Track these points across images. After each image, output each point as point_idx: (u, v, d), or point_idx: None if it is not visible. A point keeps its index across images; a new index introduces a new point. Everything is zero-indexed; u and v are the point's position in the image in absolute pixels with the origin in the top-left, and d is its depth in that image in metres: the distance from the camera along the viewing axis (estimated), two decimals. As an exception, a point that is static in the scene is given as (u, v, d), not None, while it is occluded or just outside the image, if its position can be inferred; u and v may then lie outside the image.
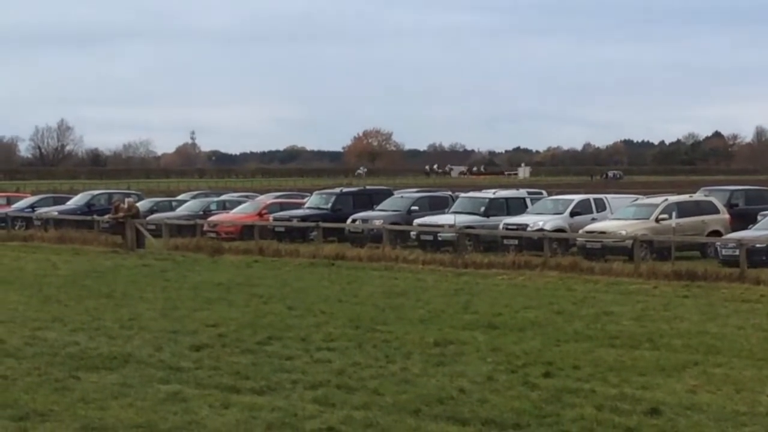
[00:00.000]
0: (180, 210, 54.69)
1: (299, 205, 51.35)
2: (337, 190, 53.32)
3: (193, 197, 62.36)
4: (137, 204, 48.92)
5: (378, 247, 37.53)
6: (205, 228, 47.13)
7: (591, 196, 43.98)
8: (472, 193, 49.36)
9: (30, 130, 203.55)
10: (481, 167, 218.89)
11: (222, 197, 60.35)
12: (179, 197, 64.39)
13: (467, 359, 17.18)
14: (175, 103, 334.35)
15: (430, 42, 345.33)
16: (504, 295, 26.14)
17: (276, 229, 45.47)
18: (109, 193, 60.85)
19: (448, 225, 39.89)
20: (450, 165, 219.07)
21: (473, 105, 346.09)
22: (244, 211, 51.29)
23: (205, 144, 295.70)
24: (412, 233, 41.72)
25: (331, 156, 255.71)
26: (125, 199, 47.77)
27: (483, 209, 43.08)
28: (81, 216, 52.67)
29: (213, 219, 50.06)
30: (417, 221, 42.70)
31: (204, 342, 19.00)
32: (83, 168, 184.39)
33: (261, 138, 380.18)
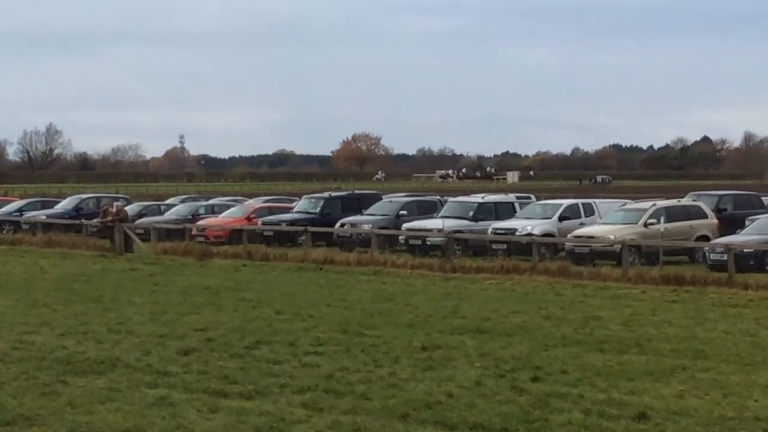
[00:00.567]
0: (168, 214, 54.58)
1: (288, 210, 51.26)
2: (326, 194, 53.25)
3: (182, 201, 62.20)
4: (126, 208, 48.90)
5: (366, 252, 37.55)
6: (194, 232, 47.08)
7: (579, 200, 44.03)
8: (460, 198, 49.37)
9: (18, 133, 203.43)
10: (476, 172, 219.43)
11: (211, 201, 60.27)
12: (168, 201, 64.26)
13: (455, 364, 17.17)
14: (165, 107, 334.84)
15: (419, 46, 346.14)
16: (492, 300, 26.14)
17: (265, 234, 45.41)
18: (98, 197, 60.75)
19: (436, 229, 39.91)
20: (463, 169, 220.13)
21: (462, 109, 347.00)
22: (232, 216, 51.20)
23: (194, 148, 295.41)
24: (400, 238, 41.70)
25: (320, 160, 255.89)
26: (114, 203, 47.77)
27: (472, 214, 43.06)
28: (69, 220, 52.59)
29: (202, 223, 49.97)
30: (406, 226, 42.67)
31: (192, 346, 18.97)
32: (72, 172, 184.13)
33: (250, 142, 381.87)
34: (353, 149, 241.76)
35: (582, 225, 39.46)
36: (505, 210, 43.90)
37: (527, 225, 39.89)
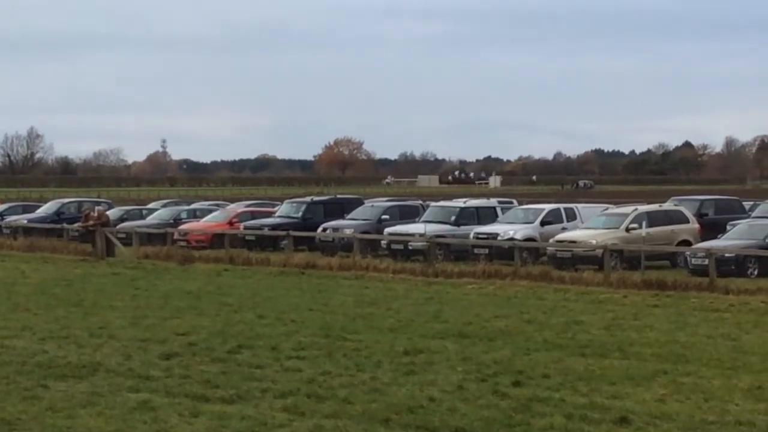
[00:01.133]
0: (150, 218, 54.57)
1: (270, 214, 51.26)
2: (308, 198, 53.27)
3: (164, 206, 62.16)
4: (107, 212, 48.79)
5: (348, 256, 37.56)
6: (176, 236, 47.00)
7: (561, 205, 44.09)
8: (442, 202, 49.41)
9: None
10: (461, 174, 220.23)
11: (193, 206, 60.28)
12: (150, 206, 64.14)
13: (437, 368, 17.17)
14: (146, 112, 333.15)
15: (401, 51, 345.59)
16: (474, 304, 26.16)
17: (246, 238, 45.40)
18: (79, 202, 60.72)
19: (418, 234, 39.93)
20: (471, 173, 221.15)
21: (444, 114, 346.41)
22: (214, 220, 51.18)
23: (176, 152, 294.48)
24: (382, 242, 41.73)
25: (302, 165, 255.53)
26: (95, 208, 47.64)
27: (453, 218, 43.14)
28: (50, 224, 52.50)
29: (183, 227, 49.95)
30: (387, 230, 42.71)
31: (174, 350, 18.93)
32: (53, 176, 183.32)
33: (232, 146, 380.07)
34: (335, 154, 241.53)
35: (564, 229, 39.54)
36: (487, 215, 43.97)
37: (509, 230, 39.95)
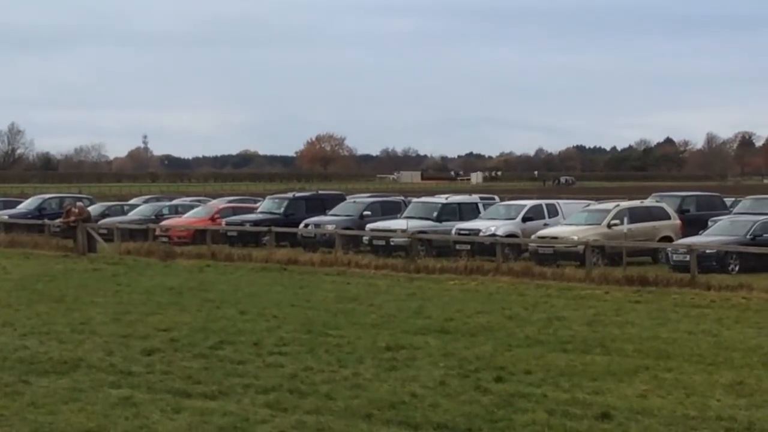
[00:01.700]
0: (132, 214, 54.41)
1: (252, 210, 51.21)
2: (290, 194, 53.25)
3: (146, 201, 62.03)
4: (89, 208, 48.68)
5: (330, 252, 37.55)
6: (158, 232, 46.94)
7: (543, 201, 44.14)
8: (424, 198, 49.45)
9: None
10: (452, 172, 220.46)
11: (174, 202, 60.10)
12: (131, 201, 64.06)
13: (419, 364, 17.19)
14: (128, 107, 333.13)
15: (383, 47, 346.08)
16: (456, 300, 26.17)
17: (228, 234, 45.34)
18: (60, 197, 60.57)
19: (400, 230, 39.94)
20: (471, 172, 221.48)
21: (426, 110, 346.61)
22: (196, 216, 51.10)
23: (158, 148, 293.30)
24: (364, 238, 41.69)
25: (284, 161, 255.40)
26: (76, 203, 47.54)
27: (435, 214, 43.15)
28: (32, 220, 52.35)
29: (165, 223, 49.83)
30: (369, 226, 42.68)
31: (156, 346, 18.90)
32: (34, 172, 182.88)
33: (214, 142, 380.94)
34: (317, 150, 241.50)
35: (546, 226, 39.60)
36: (469, 211, 44.01)
37: (491, 226, 39.98)
